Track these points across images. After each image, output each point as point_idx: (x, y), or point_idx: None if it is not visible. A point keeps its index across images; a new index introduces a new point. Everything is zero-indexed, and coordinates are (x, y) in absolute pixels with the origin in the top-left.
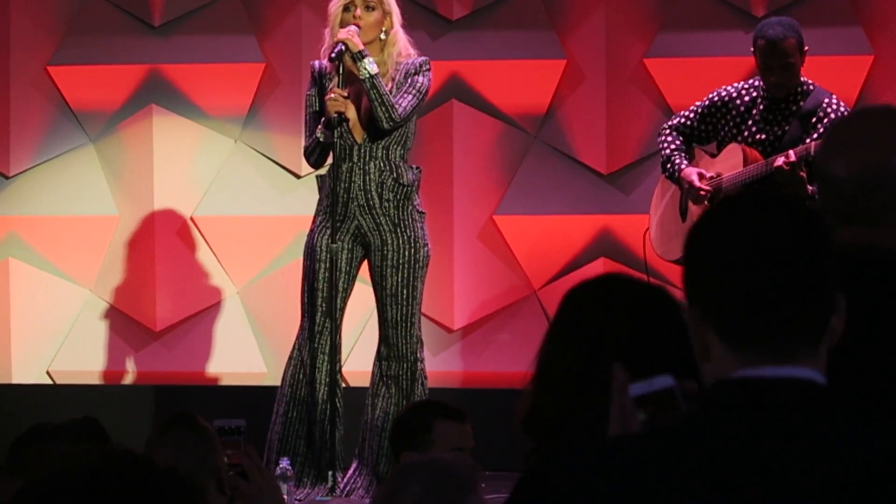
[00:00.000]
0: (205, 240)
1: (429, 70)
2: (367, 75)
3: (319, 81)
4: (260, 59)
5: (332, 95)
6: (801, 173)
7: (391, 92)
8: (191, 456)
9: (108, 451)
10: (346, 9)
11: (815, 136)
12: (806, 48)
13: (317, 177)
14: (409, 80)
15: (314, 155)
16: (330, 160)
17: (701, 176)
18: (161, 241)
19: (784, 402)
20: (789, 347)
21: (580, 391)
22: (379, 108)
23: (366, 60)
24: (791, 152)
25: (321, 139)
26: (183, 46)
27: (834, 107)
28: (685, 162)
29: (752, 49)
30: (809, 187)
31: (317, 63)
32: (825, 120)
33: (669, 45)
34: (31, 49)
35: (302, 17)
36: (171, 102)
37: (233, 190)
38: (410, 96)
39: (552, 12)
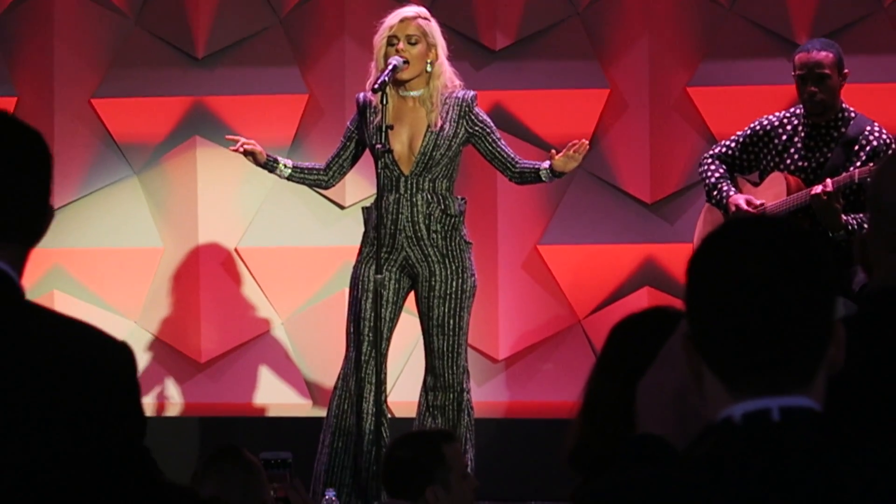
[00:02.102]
0: (249, 271)
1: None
2: (547, 175)
3: (363, 113)
4: (303, 90)
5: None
6: (837, 204)
7: (444, 128)
8: (236, 489)
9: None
10: (389, 42)
11: (858, 164)
12: (846, 71)
13: (363, 209)
14: (486, 126)
15: (306, 185)
16: (374, 191)
17: (749, 202)
18: (206, 273)
19: (791, 432)
20: (780, 380)
21: (628, 424)
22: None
23: (542, 172)
24: (829, 181)
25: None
26: (226, 78)
27: (876, 134)
28: (732, 189)
29: (792, 73)
30: (844, 217)
31: (361, 95)
32: (867, 148)
33: (712, 73)
34: (75, 82)
35: (345, 47)
36: (215, 134)
37: (277, 221)
38: (501, 138)
39: (595, 42)
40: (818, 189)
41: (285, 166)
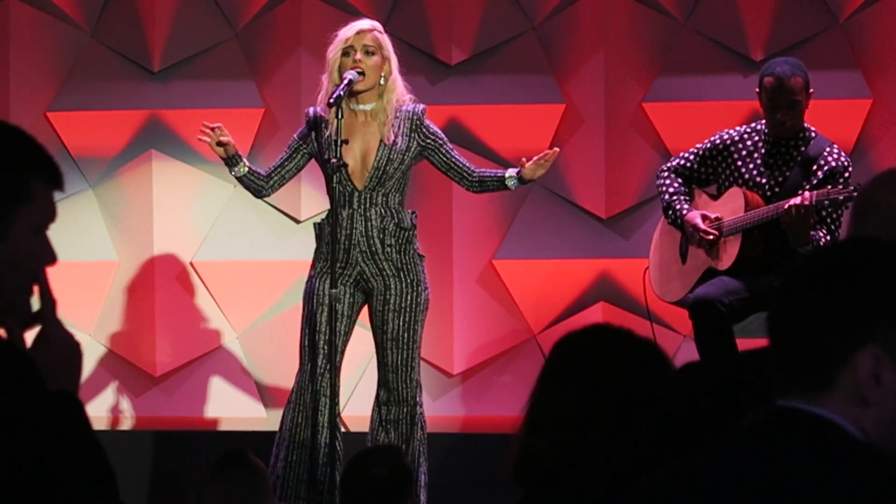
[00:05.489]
0: (204, 285)
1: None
2: (514, 184)
3: (314, 128)
4: (259, 104)
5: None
6: (812, 218)
7: (396, 142)
8: (243, 494)
9: None
10: (345, 53)
11: (815, 182)
12: (811, 91)
13: (315, 224)
14: (437, 138)
15: (248, 188)
16: (328, 206)
17: (705, 218)
18: (161, 287)
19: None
20: (815, 384)
21: (573, 437)
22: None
23: (508, 180)
24: (807, 195)
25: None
26: (182, 92)
27: (835, 155)
28: (686, 206)
29: (756, 89)
30: (812, 233)
31: (312, 110)
32: (825, 168)
33: (668, 89)
34: (31, 95)
35: (301, 61)
36: (171, 148)
37: (232, 235)
38: (454, 148)
39: (551, 57)
40: (796, 201)
41: (244, 166)
